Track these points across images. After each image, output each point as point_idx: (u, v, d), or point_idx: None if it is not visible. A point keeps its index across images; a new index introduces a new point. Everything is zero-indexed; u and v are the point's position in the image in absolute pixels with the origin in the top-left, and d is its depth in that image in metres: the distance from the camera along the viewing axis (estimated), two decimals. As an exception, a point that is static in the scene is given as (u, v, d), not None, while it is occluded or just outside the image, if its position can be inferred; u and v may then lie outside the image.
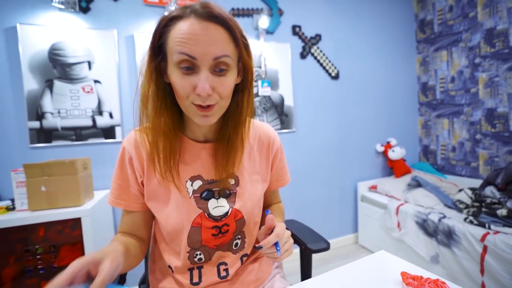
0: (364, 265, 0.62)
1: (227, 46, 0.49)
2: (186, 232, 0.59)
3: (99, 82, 1.57)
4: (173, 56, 0.49)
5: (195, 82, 0.49)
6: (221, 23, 0.49)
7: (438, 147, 2.43)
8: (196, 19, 0.47)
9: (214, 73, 0.50)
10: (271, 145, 0.69)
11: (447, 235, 1.57)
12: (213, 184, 0.61)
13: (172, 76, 0.50)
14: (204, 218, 0.60)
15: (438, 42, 2.34)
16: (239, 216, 0.63)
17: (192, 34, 0.47)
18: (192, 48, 0.47)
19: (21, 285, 1.15)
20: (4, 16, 1.40)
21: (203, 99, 0.50)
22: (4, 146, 1.41)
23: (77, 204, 1.20)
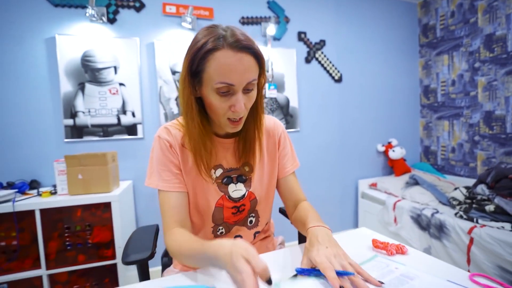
0: (346, 236, 0.78)
1: (255, 71, 0.60)
2: (211, 211, 0.72)
3: (123, 84, 1.77)
4: (212, 83, 0.57)
5: (231, 103, 0.59)
6: (251, 53, 0.58)
7: (438, 148, 2.52)
8: (231, 50, 0.56)
9: (244, 92, 0.61)
10: (276, 133, 0.80)
11: (439, 228, 1.69)
12: (232, 172, 0.73)
13: (210, 97, 0.60)
14: (225, 199, 0.72)
15: (440, 46, 2.43)
16: (253, 197, 0.75)
17: (230, 65, 0.56)
18: (231, 77, 0.57)
19: (63, 257, 1.36)
20: (45, 28, 1.61)
21: (237, 115, 0.61)
22: (44, 140, 1.63)
23: (106, 191, 1.40)
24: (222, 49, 0.56)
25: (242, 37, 0.57)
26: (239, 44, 0.56)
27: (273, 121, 0.82)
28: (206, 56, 0.57)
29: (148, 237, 0.86)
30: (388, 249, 0.64)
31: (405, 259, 0.62)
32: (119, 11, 1.76)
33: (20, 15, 1.57)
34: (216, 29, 0.59)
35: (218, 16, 1.96)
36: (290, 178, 0.82)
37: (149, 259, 0.76)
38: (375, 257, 0.62)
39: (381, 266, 0.57)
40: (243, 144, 0.73)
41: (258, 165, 0.77)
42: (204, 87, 0.60)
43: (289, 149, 0.83)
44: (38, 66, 1.62)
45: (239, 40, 0.56)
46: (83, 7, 1.67)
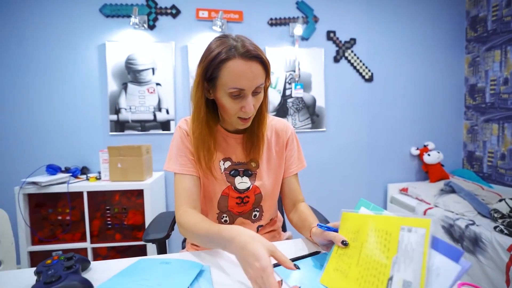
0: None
1: (262, 76, 0.68)
2: (217, 198, 0.79)
3: (159, 84, 1.95)
4: (226, 88, 0.66)
5: (242, 104, 0.68)
6: (259, 61, 0.66)
7: (485, 153, 2.27)
8: (241, 59, 0.64)
9: (252, 95, 0.68)
10: (284, 134, 0.86)
11: (473, 242, 1.55)
12: (239, 165, 0.81)
13: (222, 100, 0.68)
14: (231, 189, 0.79)
15: (491, 40, 2.18)
16: (258, 191, 0.81)
17: (242, 73, 0.64)
18: (242, 83, 0.65)
19: (103, 234, 1.58)
20: (98, 36, 1.86)
21: (247, 115, 0.69)
22: (93, 132, 1.90)
23: (141, 179, 1.58)
24: (234, 58, 0.63)
25: (251, 47, 0.65)
26: (249, 54, 0.64)
27: (284, 123, 0.88)
28: (220, 66, 0.64)
29: (167, 221, 0.98)
30: None
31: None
32: (158, 18, 1.94)
33: (79, 26, 1.84)
34: (228, 40, 0.66)
35: (247, 18, 2.04)
36: (293, 178, 0.87)
37: (165, 239, 0.88)
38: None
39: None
40: (250, 140, 0.81)
41: (265, 162, 0.83)
42: (218, 91, 0.68)
43: (296, 150, 0.88)
44: (91, 69, 1.88)
45: (249, 50, 0.64)
46: (129, 16, 1.88)
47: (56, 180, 1.52)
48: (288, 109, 2.13)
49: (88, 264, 0.63)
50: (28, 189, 1.48)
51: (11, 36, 1.77)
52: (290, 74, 2.11)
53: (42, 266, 0.56)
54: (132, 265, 0.63)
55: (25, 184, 1.48)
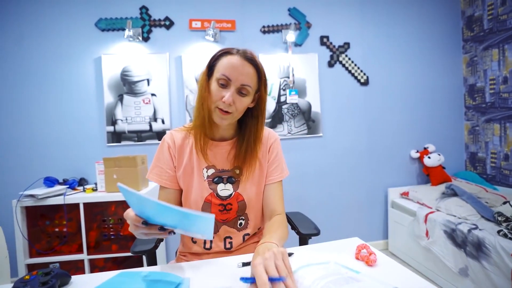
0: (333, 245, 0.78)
1: (252, 79, 0.74)
2: (200, 205, 0.81)
3: (154, 95, 1.98)
4: (217, 74, 0.73)
5: (224, 94, 0.72)
6: (254, 65, 0.75)
7: (487, 154, 2.22)
8: (239, 57, 0.73)
9: (237, 93, 0.73)
10: (267, 142, 0.88)
11: (477, 247, 1.50)
12: (224, 173, 0.82)
13: (211, 87, 0.75)
14: (213, 196, 0.81)
15: (488, 39, 2.15)
16: (241, 199, 0.83)
17: (233, 65, 0.72)
18: (230, 73, 0.72)
19: (100, 245, 1.59)
20: (94, 49, 1.91)
21: (225, 106, 0.73)
22: (90, 144, 1.92)
23: (136, 190, 1.58)
24: (233, 54, 0.74)
25: (253, 55, 0.75)
26: (246, 56, 0.74)
27: (268, 132, 0.90)
28: (220, 57, 0.75)
29: (156, 232, 0.97)
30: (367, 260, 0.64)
31: (374, 269, 0.62)
32: (152, 30, 1.98)
33: (76, 40, 1.89)
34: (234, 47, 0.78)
35: (240, 27, 2.06)
36: (274, 187, 0.85)
37: (153, 250, 0.87)
38: (327, 262, 0.61)
39: (333, 271, 0.56)
40: (239, 149, 0.82)
41: (248, 170, 0.84)
42: (212, 78, 0.75)
43: (278, 159, 0.88)
44: (88, 82, 1.92)
45: (247, 53, 0.75)
46: (123, 29, 1.92)
47: (53, 192, 1.55)
48: (283, 116, 2.13)
49: (69, 278, 0.63)
50: (25, 202, 1.50)
51: (10, 50, 1.83)
52: (284, 80, 2.12)
53: (19, 282, 0.57)
54: (111, 278, 0.63)
55: (23, 197, 1.50)
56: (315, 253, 0.71)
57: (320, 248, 0.77)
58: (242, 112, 0.78)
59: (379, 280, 0.54)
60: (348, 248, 0.75)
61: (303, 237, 0.97)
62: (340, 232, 2.16)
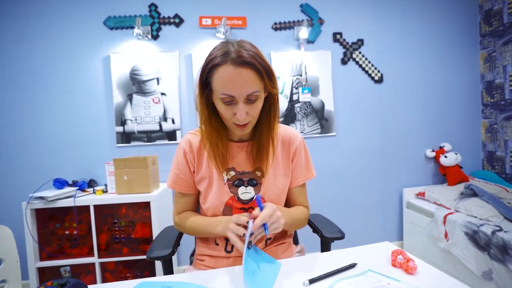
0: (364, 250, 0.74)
1: (255, 84, 0.65)
2: (221, 209, 0.78)
3: (164, 94, 1.94)
4: (217, 93, 0.66)
5: (235, 111, 0.67)
6: (251, 67, 0.64)
7: (507, 153, 2.14)
8: (232, 65, 0.62)
9: (247, 102, 0.67)
10: (291, 145, 0.84)
11: (502, 249, 1.43)
12: (244, 175, 0.79)
13: (217, 105, 0.69)
14: (234, 200, 0.78)
15: (508, 34, 2.07)
16: (263, 202, 0.78)
17: (231, 79, 0.63)
18: (231, 90, 0.64)
19: (111, 248, 1.55)
20: (102, 48, 1.87)
21: (240, 122, 0.69)
22: (99, 145, 1.89)
23: (147, 191, 1.55)
24: (225, 64, 0.63)
25: (246, 53, 0.63)
26: (240, 60, 0.63)
27: (292, 133, 0.86)
28: (211, 70, 0.65)
29: (172, 236, 0.93)
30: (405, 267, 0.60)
31: (415, 278, 0.58)
32: (161, 28, 1.94)
33: (84, 38, 1.86)
34: (227, 45, 0.66)
35: (251, 24, 2.01)
36: (299, 188, 0.86)
37: (170, 256, 0.83)
38: (366, 271, 0.61)
39: (370, 281, 0.56)
40: (256, 149, 0.79)
41: (270, 171, 0.81)
42: (214, 96, 0.69)
43: (304, 161, 0.85)
44: (96, 81, 1.88)
45: (241, 56, 0.63)
46: (132, 27, 1.89)
47: (62, 194, 1.51)
48: (296, 114, 2.08)
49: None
50: (35, 204, 1.47)
51: (18, 50, 1.80)
52: (297, 78, 2.06)
53: (35, 294, 0.53)
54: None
55: (32, 199, 1.47)
56: (346, 259, 0.67)
57: (350, 254, 0.73)
58: (258, 115, 0.73)
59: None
60: (380, 254, 0.71)
61: (326, 241, 0.92)
62: (354, 233, 2.10)
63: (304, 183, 0.87)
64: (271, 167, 0.81)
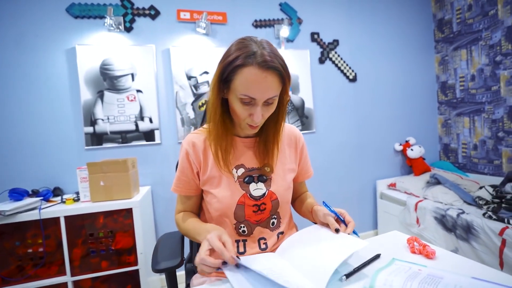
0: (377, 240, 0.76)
1: (277, 89, 0.66)
2: (233, 208, 0.75)
3: (140, 91, 1.79)
4: (237, 93, 0.65)
5: (251, 112, 0.67)
6: (277, 72, 0.64)
7: (459, 145, 2.44)
8: (257, 68, 0.62)
9: (264, 105, 0.67)
10: (297, 141, 0.87)
11: (466, 229, 1.62)
12: (253, 171, 0.78)
13: (233, 103, 0.68)
14: (246, 197, 0.76)
15: (457, 41, 2.36)
16: (274, 197, 0.79)
17: (255, 82, 0.63)
18: (254, 93, 0.64)
19: (87, 263, 1.37)
20: (66, 39, 1.66)
21: (254, 123, 0.69)
22: (66, 148, 1.67)
23: (128, 197, 1.41)
24: (250, 66, 0.62)
25: (271, 57, 0.63)
26: (266, 65, 0.62)
27: (297, 131, 0.89)
28: (235, 70, 0.64)
29: (176, 244, 0.86)
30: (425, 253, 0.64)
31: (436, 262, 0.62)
32: (135, 20, 1.79)
33: (43, 27, 1.62)
34: (249, 44, 0.65)
35: (231, 20, 1.97)
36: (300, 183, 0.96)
37: (178, 266, 0.76)
38: (393, 261, 0.62)
39: (403, 269, 0.57)
40: (263, 146, 0.79)
41: (279, 167, 0.82)
42: (231, 93, 0.68)
43: (306, 159, 0.91)
44: (60, 76, 1.66)
45: (267, 60, 0.62)
46: (101, 17, 1.70)
47: (23, 206, 1.29)
48: (278, 112, 2.09)
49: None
50: (-12, 220, 1.23)
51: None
52: (277, 76, 2.07)
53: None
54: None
55: (-16, 214, 1.23)
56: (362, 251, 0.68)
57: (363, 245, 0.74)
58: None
59: (454, 273, 0.54)
60: (394, 243, 0.74)
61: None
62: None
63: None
64: (280, 163, 0.82)
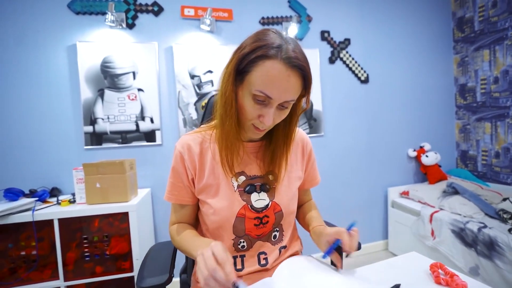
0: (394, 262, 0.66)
1: (297, 92, 0.58)
2: (232, 221, 0.67)
3: (142, 90, 1.73)
4: (252, 88, 0.56)
5: (262, 113, 0.58)
6: (301, 73, 0.56)
7: (478, 152, 2.28)
8: (282, 64, 0.53)
9: (277, 108, 0.59)
10: (305, 147, 0.79)
11: (488, 246, 1.49)
12: (255, 180, 0.69)
13: (244, 99, 0.58)
14: (247, 209, 0.67)
15: (479, 40, 2.21)
16: (278, 209, 0.70)
17: (276, 79, 0.54)
18: (272, 91, 0.55)
19: (80, 268, 1.32)
20: (67, 35, 1.62)
21: (263, 126, 0.60)
22: (65, 147, 1.63)
23: (124, 200, 1.35)
24: (275, 59, 0.54)
25: (299, 55, 0.55)
26: (292, 62, 0.54)
27: (304, 136, 0.81)
28: (256, 60, 0.55)
29: (166, 257, 0.78)
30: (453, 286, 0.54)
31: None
32: (137, 16, 1.73)
33: (44, 24, 1.59)
34: (274, 36, 0.56)
35: (237, 17, 1.89)
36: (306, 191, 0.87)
37: (166, 284, 0.68)
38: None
39: None
40: (271, 153, 0.70)
41: (283, 175, 0.72)
42: (243, 87, 0.58)
43: (314, 166, 0.83)
44: (60, 73, 1.62)
45: (293, 57, 0.54)
46: (103, 13, 1.66)
47: (17, 207, 1.25)
48: (285, 114, 2.00)
49: None
50: (-20, 221, 1.20)
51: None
52: (285, 76, 1.98)
53: None
54: None
55: (-23, 215, 1.19)
56: (379, 277, 0.58)
57: (379, 270, 0.65)
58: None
59: None
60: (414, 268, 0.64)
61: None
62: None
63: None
64: (284, 170, 0.72)
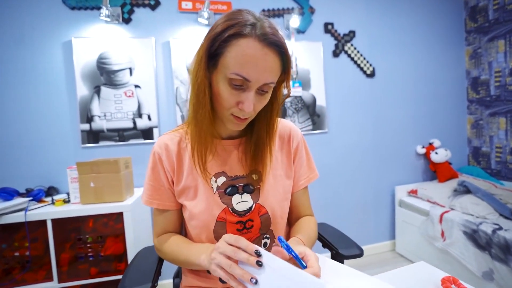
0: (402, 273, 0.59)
1: (277, 74, 0.53)
2: (211, 226, 0.61)
3: (139, 86, 1.69)
4: (227, 72, 0.50)
5: (241, 99, 0.53)
6: (278, 51, 0.51)
7: (492, 149, 2.17)
8: (258, 41, 0.49)
9: (257, 93, 0.54)
10: (291, 140, 0.70)
11: (504, 249, 1.39)
12: (237, 180, 0.64)
13: (219, 86, 0.53)
14: (228, 213, 0.62)
15: (493, 30, 2.08)
16: (263, 212, 0.64)
17: (253, 58, 0.49)
18: (249, 72, 0.50)
19: (75, 269, 1.29)
20: (62, 31, 1.58)
21: (243, 114, 0.54)
22: (61, 145, 1.60)
23: (119, 200, 1.31)
24: (249, 37, 0.49)
25: (275, 31, 0.51)
26: (268, 39, 0.50)
27: (290, 127, 0.72)
28: (229, 40, 0.49)
29: (152, 262, 0.73)
30: None
31: None
32: (134, 11, 1.68)
33: (39, 20, 1.55)
34: (247, 15, 0.52)
35: (236, 10, 1.82)
36: (302, 192, 0.73)
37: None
38: None
39: None
40: (253, 149, 0.63)
41: (269, 174, 0.65)
42: (217, 73, 0.53)
43: (305, 159, 0.73)
44: (55, 70, 1.59)
45: (270, 34, 0.50)
46: (99, 8, 1.61)
47: (11, 207, 1.23)
48: (287, 110, 1.93)
49: None
50: (-27, 221, 1.18)
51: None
52: (286, 71, 1.91)
53: None
54: None
55: (-31, 215, 1.17)
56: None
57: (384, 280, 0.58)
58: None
59: None
60: (423, 281, 0.57)
61: (340, 259, 0.78)
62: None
63: (307, 186, 0.74)
64: (269, 168, 0.65)
